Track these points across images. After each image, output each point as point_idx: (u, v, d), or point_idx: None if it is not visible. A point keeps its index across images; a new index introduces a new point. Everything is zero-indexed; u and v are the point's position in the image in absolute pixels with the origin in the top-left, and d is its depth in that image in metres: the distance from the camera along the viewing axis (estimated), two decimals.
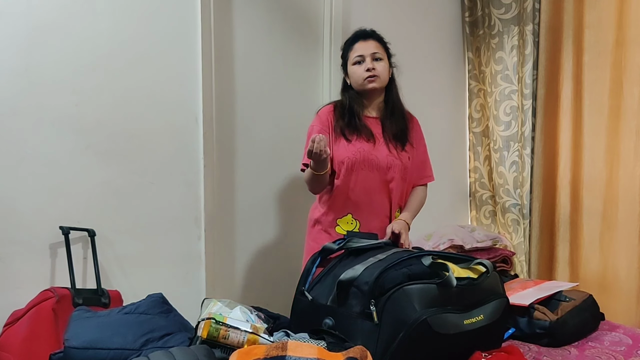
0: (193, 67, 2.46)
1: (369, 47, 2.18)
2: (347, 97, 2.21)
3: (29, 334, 1.92)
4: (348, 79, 2.24)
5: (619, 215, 2.91)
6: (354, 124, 2.16)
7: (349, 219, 2.16)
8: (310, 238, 2.25)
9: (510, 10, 3.30)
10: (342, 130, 2.16)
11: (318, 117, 2.22)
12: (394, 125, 2.21)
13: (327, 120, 2.19)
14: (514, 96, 3.32)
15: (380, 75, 2.16)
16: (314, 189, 2.18)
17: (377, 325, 1.36)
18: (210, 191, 2.54)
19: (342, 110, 2.19)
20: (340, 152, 2.15)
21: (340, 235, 2.12)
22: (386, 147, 2.17)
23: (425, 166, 2.33)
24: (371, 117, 2.22)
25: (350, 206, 2.16)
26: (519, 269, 3.28)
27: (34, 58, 2.10)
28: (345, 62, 2.25)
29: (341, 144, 2.16)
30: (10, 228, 2.08)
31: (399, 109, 2.26)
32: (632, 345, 1.76)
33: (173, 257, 2.48)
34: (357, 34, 2.23)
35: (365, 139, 2.15)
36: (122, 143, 2.31)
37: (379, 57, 2.18)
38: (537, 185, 3.19)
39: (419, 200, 2.31)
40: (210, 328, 1.36)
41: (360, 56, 2.17)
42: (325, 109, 2.24)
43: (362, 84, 2.17)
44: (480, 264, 1.52)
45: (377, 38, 2.22)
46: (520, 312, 1.81)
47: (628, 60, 2.85)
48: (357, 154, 2.13)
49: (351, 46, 2.22)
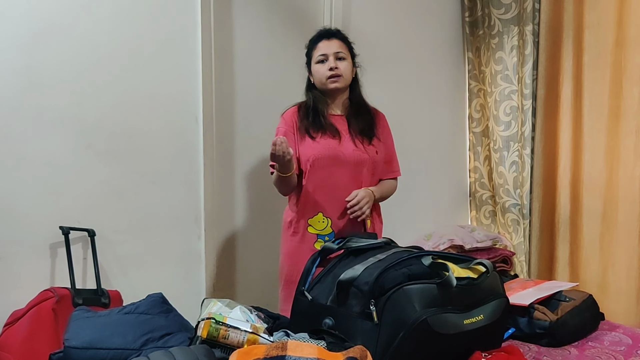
0: (193, 67, 2.47)
1: (332, 46, 2.18)
2: (311, 97, 2.22)
3: (29, 334, 1.92)
4: (312, 78, 2.24)
5: (618, 216, 2.91)
6: (319, 122, 2.17)
7: (319, 218, 2.16)
8: (287, 242, 2.24)
9: (510, 11, 3.30)
10: (306, 129, 2.17)
11: (283, 119, 2.22)
12: (360, 121, 2.22)
13: (292, 121, 2.20)
14: (513, 96, 3.32)
15: (343, 74, 2.17)
16: (282, 190, 2.20)
17: (377, 325, 1.36)
18: (210, 191, 2.54)
19: (307, 110, 2.20)
20: (306, 151, 2.15)
21: (313, 235, 2.16)
22: (352, 142, 2.18)
23: (392, 161, 2.34)
24: (336, 115, 2.23)
25: (320, 205, 2.16)
26: (518, 269, 3.28)
27: (35, 58, 2.10)
28: (309, 60, 2.24)
29: (306, 142, 2.16)
30: (10, 228, 2.08)
31: (363, 105, 2.28)
32: (632, 345, 1.76)
33: (173, 257, 2.48)
34: (320, 33, 2.24)
35: (331, 136, 2.16)
36: (123, 143, 2.31)
37: (342, 56, 2.19)
38: (537, 185, 3.19)
39: (388, 186, 2.31)
40: (210, 328, 1.36)
41: (323, 55, 2.17)
42: (289, 111, 2.24)
43: (324, 83, 2.18)
44: (480, 264, 1.52)
45: (340, 37, 2.23)
46: (520, 312, 1.81)
47: (628, 60, 2.85)
48: (322, 151, 2.14)
49: (315, 45, 2.22)
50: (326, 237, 2.15)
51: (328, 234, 2.16)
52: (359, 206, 2.10)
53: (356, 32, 2.98)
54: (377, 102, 3.09)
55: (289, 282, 2.19)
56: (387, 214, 2.34)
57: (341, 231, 2.14)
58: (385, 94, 3.17)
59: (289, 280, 2.20)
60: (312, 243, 2.16)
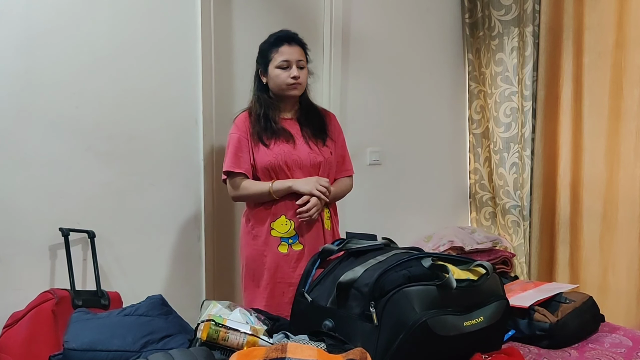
0: (193, 68, 2.47)
1: (295, 53, 2.18)
2: (262, 102, 2.21)
3: (28, 336, 1.92)
4: (265, 79, 2.23)
5: (619, 217, 2.91)
6: (271, 127, 2.17)
7: (282, 221, 2.16)
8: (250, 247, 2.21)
9: (511, 12, 3.30)
10: (259, 136, 2.17)
11: (236, 126, 2.22)
12: (311, 123, 2.24)
13: (245, 127, 2.20)
14: (514, 97, 3.31)
15: (302, 83, 2.20)
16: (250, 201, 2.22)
17: (377, 327, 1.36)
18: (209, 192, 2.54)
19: (257, 117, 2.20)
20: (262, 158, 2.16)
21: (277, 237, 2.16)
22: (307, 145, 2.20)
23: (345, 160, 2.36)
24: (287, 119, 2.24)
25: (281, 209, 2.16)
26: (519, 271, 3.28)
27: (34, 60, 2.10)
28: (265, 60, 2.21)
29: (261, 149, 2.17)
30: (10, 229, 2.08)
31: (313, 107, 2.30)
32: (633, 347, 1.76)
33: (173, 258, 2.48)
34: (282, 37, 2.21)
35: (285, 141, 2.17)
36: (122, 144, 2.31)
37: (303, 65, 2.21)
38: (537, 186, 3.19)
39: (343, 185, 2.33)
40: (210, 330, 1.36)
41: (286, 61, 2.16)
42: (241, 116, 2.24)
43: (284, 89, 2.18)
44: (480, 266, 1.52)
45: (300, 43, 2.23)
46: (520, 314, 1.81)
47: (628, 61, 2.85)
48: (278, 157, 2.15)
49: (276, 47, 2.19)
50: (290, 240, 2.16)
51: (292, 236, 2.16)
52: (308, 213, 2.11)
53: (356, 34, 2.99)
54: (377, 103, 3.11)
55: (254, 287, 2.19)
56: (388, 215, 2.34)
57: (303, 233, 2.16)
58: (385, 96, 3.17)
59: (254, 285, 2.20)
60: (276, 246, 2.16)
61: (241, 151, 2.18)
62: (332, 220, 2.28)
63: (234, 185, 2.20)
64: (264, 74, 2.22)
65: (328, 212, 2.26)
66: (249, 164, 2.18)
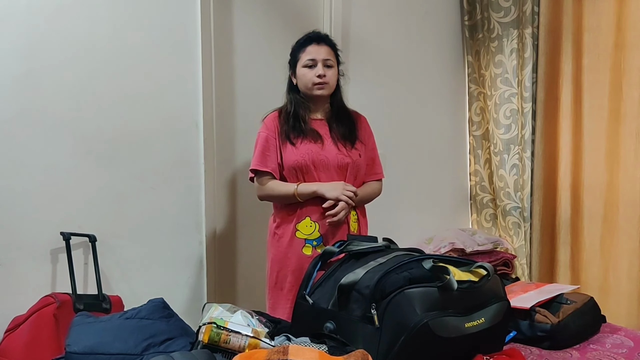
0: (193, 72, 2.47)
1: (322, 52, 2.18)
2: (292, 101, 2.22)
3: (30, 340, 1.92)
4: (295, 79, 2.24)
5: (619, 218, 2.91)
6: (299, 127, 2.17)
7: (307, 223, 2.15)
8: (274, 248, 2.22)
9: (510, 14, 3.30)
10: (287, 135, 2.17)
11: (264, 124, 2.22)
12: (341, 125, 2.23)
13: (274, 126, 2.20)
14: (513, 99, 3.32)
15: (329, 82, 2.18)
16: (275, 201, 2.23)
17: (378, 329, 1.36)
18: (211, 196, 2.54)
19: (287, 116, 2.20)
20: (289, 157, 2.15)
21: (301, 240, 2.15)
22: (335, 146, 2.18)
23: (375, 163, 2.34)
24: (317, 120, 2.23)
25: (306, 210, 2.15)
26: (520, 272, 3.28)
27: (35, 64, 2.11)
28: (294, 61, 2.23)
29: (288, 148, 2.16)
30: (11, 233, 2.08)
31: (344, 109, 2.28)
32: (634, 347, 1.76)
33: (174, 262, 2.48)
34: (310, 37, 2.22)
35: (312, 141, 2.16)
36: (123, 148, 2.32)
37: (331, 64, 2.19)
38: (538, 188, 3.19)
39: (371, 189, 2.32)
40: (212, 332, 1.36)
41: (312, 60, 2.17)
42: (270, 115, 2.24)
43: (310, 88, 2.18)
44: (481, 267, 1.52)
45: (330, 44, 2.23)
46: (522, 315, 1.81)
47: (627, 63, 2.85)
48: (305, 156, 2.14)
49: (303, 48, 2.20)
50: (314, 242, 2.15)
51: (316, 238, 2.15)
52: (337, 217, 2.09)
53: (356, 37, 2.99)
54: (377, 106, 3.11)
55: (277, 289, 2.18)
56: (388, 216, 2.34)
57: (327, 235, 2.15)
58: (385, 98, 3.18)
59: (277, 287, 2.19)
60: (301, 248, 2.15)
61: (268, 150, 2.17)
62: (359, 223, 2.26)
63: (260, 185, 2.20)
64: (294, 75, 2.23)
65: (355, 214, 2.24)
66: (276, 163, 2.17)
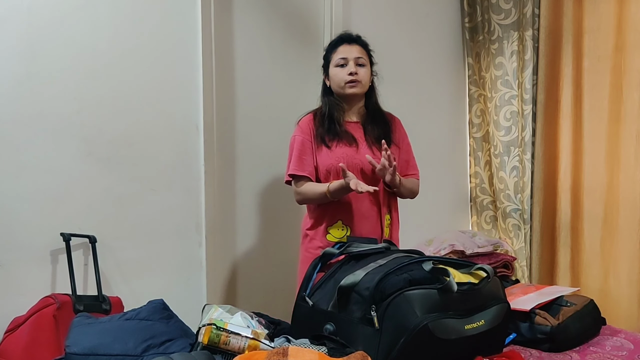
0: (194, 74, 2.47)
1: (353, 51, 2.17)
2: (327, 103, 2.20)
3: (30, 341, 1.92)
4: (328, 82, 2.23)
5: (619, 220, 2.91)
6: (334, 129, 2.15)
7: (339, 226, 2.14)
8: (304, 249, 2.22)
9: (510, 16, 3.31)
10: (322, 138, 2.15)
11: (299, 127, 2.21)
12: (376, 128, 2.20)
13: (309, 129, 2.18)
14: (514, 101, 3.32)
15: (361, 80, 2.16)
16: (312, 204, 2.18)
17: (378, 331, 1.36)
18: (211, 198, 2.54)
19: (322, 118, 2.18)
20: (324, 160, 2.14)
21: (332, 242, 2.09)
22: (370, 150, 2.15)
23: (409, 165, 2.31)
24: (352, 122, 2.21)
25: (339, 213, 2.14)
26: (520, 274, 3.28)
27: (35, 65, 2.11)
28: (327, 63, 2.23)
29: (323, 151, 2.15)
30: (11, 234, 2.08)
31: (379, 112, 2.26)
32: (634, 350, 1.76)
33: (174, 263, 2.48)
34: (342, 37, 2.23)
35: (347, 144, 2.14)
36: (123, 150, 2.32)
37: (362, 62, 2.17)
38: (538, 190, 3.19)
39: (412, 182, 2.27)
40: (211, 334, 1.36)
41: (343, 59, 2.16)
42: (305, 118, 2.23)
43: (342, 87, 2.16)
44: (481, 269, 1.52)
45: (362, 43, 2.22)
46: (522, 317, 1.81)
47: (627, 65, 2.86)
48: (340, 160, 2.11)
49: (335, 48, 2.20)
50: None
51: None
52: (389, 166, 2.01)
53: None
54: None
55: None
56: None
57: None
58: (385, 100, 3.16)
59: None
60: None
61: (305, 154, 2.16)
62: (391, 228, 2.23)
63: (298, 189, 2.17)
64: (327, 77, 2.22)
65: (389, 219, 2.22)
66: (312, 166, 2.16)
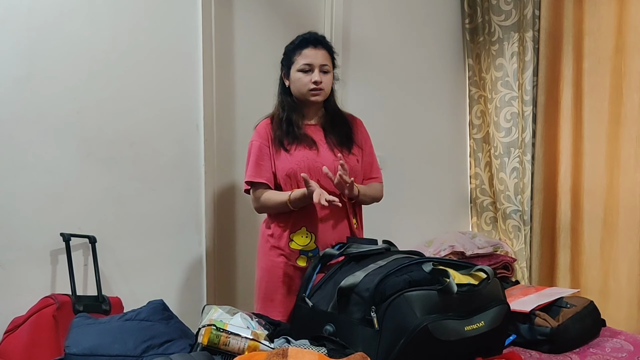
0: (194, 74, 2.47)
1: (319, 56, 2.05)
2: (285, 105, 2.10)
3: (29, 341, 1.92)
4: (288, 82, 2.11)
5: (619, 222, 2.91)
6: (293, 132, 2.06)
7: (303, 232, 2.03)
8: (266, 257, 2.11)
9: (510, 17, 3.31)
10: (280, 141, 2.06)
11: (257, 133, 2.11)
12: (337, 130, 2.12)
13: (266, 133, 2.09)
14: (514, 102, 3.32)
15: (325, 89, 2.06)
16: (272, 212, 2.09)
17: (378, 332, 1.36)
18: (210, 197, 2.54)
19: (280, 121, 2.09)
20: (283, 164, 2.04)
21: (296, 250, 2.03)
22: (331, 152, 2.07)
23: (372, 168, 2.22)
24: (311, 125, 2.12)
25: (303, 219, 2.03)
26: (519, 276, 3.27)
27: (36, 66, 2.11)
28: (289, 64, 2.10)
29: (282, 155, 2.05)
30: (11, 235, 2.08)
31: (339, 114, 2.17)
32: (634, 351, 1.76)
33: (174, 263, 2.48)
34: (307, 39, 2.08)
35: (307, 147, 2.05)
36: (123, 150, 2.32)
37: (327, 70, 2.07)
38: (538, 191, 3.19)
39: (374, 187, 2.18)
40: (211, 335, 1.36)
41: (308, 65, 2.04)
42: (262, 122, 2.14)
43: (304, 93, 2.06)
44: (481, 271, 1.52)
45: (327, 47, 2.10)
46: (521, 319, 1.81)
47: (628, 66, 2.86)
48: (300, 163, 2.02)
49: (300, 50, 2.07)
50: (309, 253, 2.02)
51: (312, 249, 2.02)
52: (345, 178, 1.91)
53: (356, 40, 3.00)
54: (377, 108, 3.11)
55: (267, 300, 2.08)
56: (388, 219, 2.34)
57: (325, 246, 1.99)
58: (386, 101, 3.18)
59: (267, 298, 2.08)
60: (295, 259, 2.04)
61: (262, 159, 2.07)
62: (358, 232, 2.15)
63: (256, 197, 2.08)
64: (287, 77, 2.11)
65: (356, 222, 2.14)
66: (270, 172, 2.06)
